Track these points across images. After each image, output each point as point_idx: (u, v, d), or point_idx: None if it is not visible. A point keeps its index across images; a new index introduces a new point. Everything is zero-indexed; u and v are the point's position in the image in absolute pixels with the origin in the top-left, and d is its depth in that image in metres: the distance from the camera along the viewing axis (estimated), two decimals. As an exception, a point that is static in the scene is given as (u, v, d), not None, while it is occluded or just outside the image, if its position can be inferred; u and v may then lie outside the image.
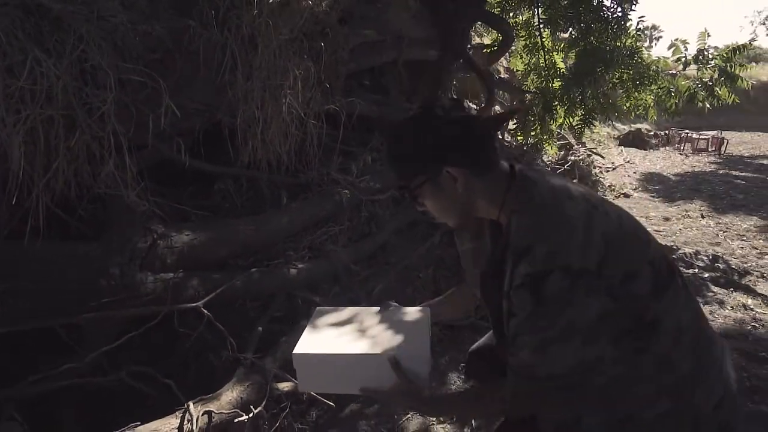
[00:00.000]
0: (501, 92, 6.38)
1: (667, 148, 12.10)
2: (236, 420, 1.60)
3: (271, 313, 2.28)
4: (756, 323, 2.82)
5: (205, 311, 1.74)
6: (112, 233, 1.64)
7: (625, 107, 5.19)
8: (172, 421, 1.51)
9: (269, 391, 1.77)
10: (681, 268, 3.71)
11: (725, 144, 11.41)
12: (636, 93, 5.10)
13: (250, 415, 1.64)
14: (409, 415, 2.07)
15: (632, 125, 12.95)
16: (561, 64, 5.24)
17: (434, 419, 2.02)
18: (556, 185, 0.82)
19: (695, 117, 17.54)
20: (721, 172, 8.66)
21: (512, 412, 0.91)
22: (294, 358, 0.95)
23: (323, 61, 2.53)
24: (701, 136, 11.81)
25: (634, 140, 11.91)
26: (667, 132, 12.89)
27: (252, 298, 2.22)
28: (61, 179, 1.56)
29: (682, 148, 11.84)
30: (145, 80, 1.86)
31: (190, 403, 1.55)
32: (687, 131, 12.51)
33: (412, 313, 1.12)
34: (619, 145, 11.53)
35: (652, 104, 5.10)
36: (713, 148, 11.36)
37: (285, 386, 1.89)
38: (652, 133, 12.55)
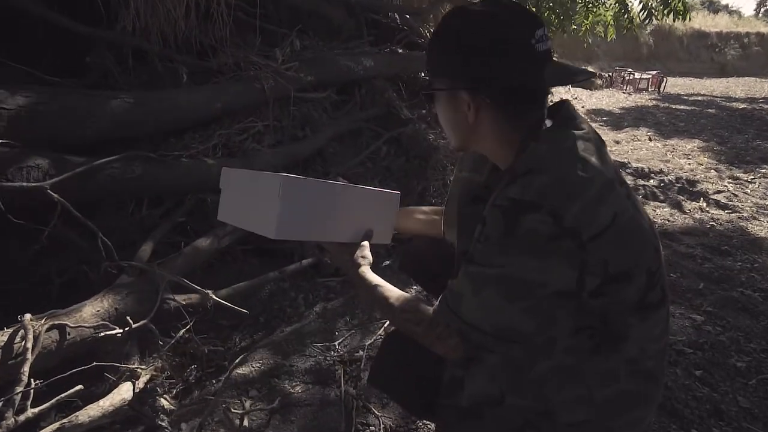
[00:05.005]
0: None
1: (611, 88, 12.25)
2: (103, 335, 1.15)
3: (174, 219, 1.80)
4: (714, 222, 2.74)
5: (56, 195, 1.23)
6: None
7: (584, 25, 4.91)
8: (-2, 338, 1.04)
9: (160, 302, 1.32)
10: (639, 180, 3.64)
11: (665, 82, 11.72)
12: (594, 9, 4.82)
13: (127, 328, 1.19)
14: (352, 332, 1.73)
15: (580, 65, 12.92)
16: (516, -26, 4.80)
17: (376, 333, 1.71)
18: (598, 142, 0.69)
19: (635, 63, 18.21)
20: (662, 105, 8.88)
21: (408, 328, 0.76)
22: (282, 183, 0.77)
23: None
24: (642, 77, 12.05)
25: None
26: (610, 74, 13.04)
27: (143, 197, 1.71)
28: None
29: (624, 88, 12.04)
30: None
31: (27, 316, 1.08)
32: (629, 70, 12.73)
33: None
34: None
35: (611, 21, 4.85)
36: (653, 88, 11.65)
37: (185, 299, 1.45)
38: (597, 74, 12.62)
